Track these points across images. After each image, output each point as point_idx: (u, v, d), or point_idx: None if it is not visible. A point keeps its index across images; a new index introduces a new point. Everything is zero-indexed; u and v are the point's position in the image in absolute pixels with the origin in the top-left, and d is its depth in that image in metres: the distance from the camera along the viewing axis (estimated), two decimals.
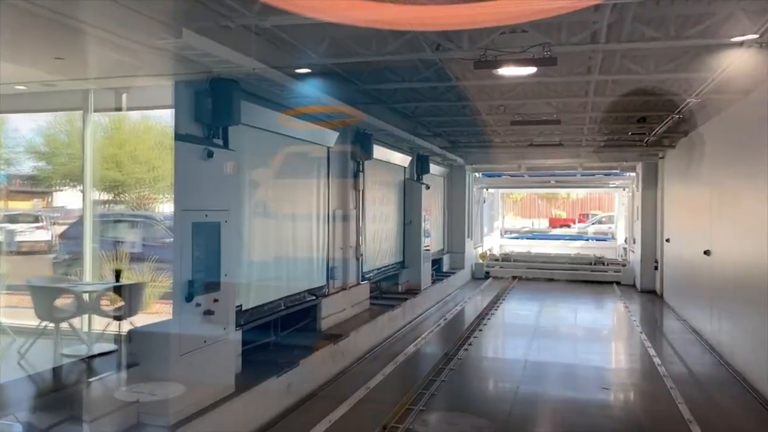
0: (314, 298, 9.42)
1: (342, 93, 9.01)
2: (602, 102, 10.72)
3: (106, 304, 7.31)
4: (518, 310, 15.53)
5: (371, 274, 12.04)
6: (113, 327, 6.93)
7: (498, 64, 6.88)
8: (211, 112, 6.36)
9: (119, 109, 7.60)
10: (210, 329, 6.02)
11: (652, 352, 10.46)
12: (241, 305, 7.18)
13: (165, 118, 14.45)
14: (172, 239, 13.85)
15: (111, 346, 6.66)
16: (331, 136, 9.88)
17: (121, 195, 16.13)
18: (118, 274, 7.34)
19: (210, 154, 5.98)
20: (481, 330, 12.15)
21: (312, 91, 7.83)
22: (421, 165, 15.00)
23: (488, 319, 13.36)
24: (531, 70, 7.30)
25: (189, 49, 5.32)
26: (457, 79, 8.80)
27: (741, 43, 6.30)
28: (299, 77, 7.56)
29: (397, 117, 12.26)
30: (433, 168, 16.29)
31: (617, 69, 8.18)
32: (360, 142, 10.90)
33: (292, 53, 7.38)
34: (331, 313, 9.82)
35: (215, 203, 6.16)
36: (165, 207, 18.27)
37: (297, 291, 8.96)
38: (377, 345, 10.38)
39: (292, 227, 8.89)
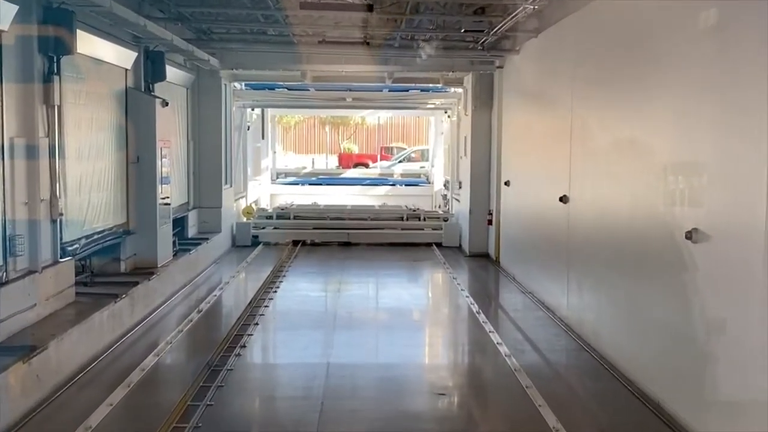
0: None
1: None
2: None
3: None
4: (307, 291, 16.00)
5: (77, 246, 11.31)
6: None
7: None
8: None
9: None
10: None
11: (495, 338, 11.42)
12: None
13: None
14: None
15: None
16: (6, 12, 8.81)
17: None
18: None
19: None
20: (257, 324, 12.24)
21: None
22: (153, 67, 14.43)
23: (265, 307, 13.53)
24: None
25: None
26: None
27: None
28: None
29: None
30: (172, 73, 15.76)
31: None
32: (54, 24, 10.02)
33: None
34: (13, 312, 9.07)
35: None
36: None
37: None
38: (95, 359, 9.98)
39: None
